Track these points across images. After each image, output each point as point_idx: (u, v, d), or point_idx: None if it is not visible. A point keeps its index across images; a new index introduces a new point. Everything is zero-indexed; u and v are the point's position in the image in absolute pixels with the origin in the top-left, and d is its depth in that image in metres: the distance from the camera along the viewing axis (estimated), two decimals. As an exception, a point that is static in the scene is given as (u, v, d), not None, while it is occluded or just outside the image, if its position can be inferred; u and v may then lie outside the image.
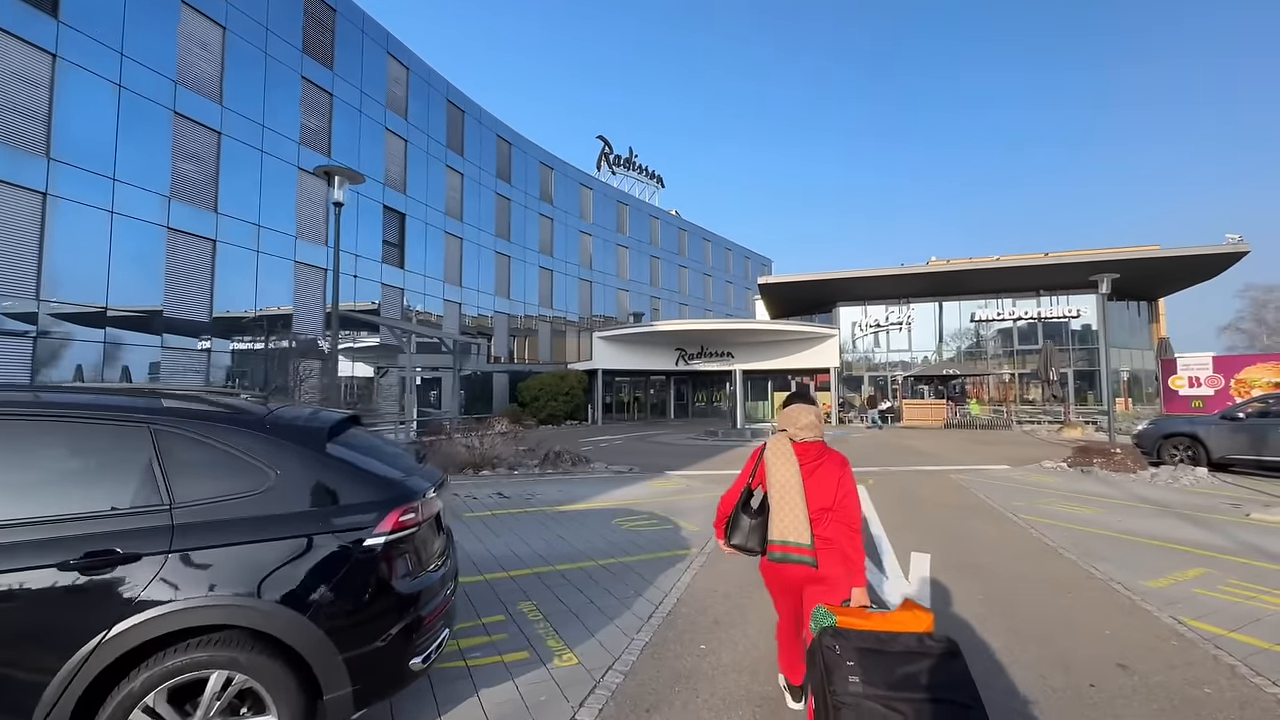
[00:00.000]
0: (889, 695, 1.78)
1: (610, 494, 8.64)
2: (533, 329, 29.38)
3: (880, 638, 1.93)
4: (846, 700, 1.80)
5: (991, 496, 8.26)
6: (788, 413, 2.65)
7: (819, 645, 1.95)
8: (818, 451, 2.54)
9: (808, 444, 2.55)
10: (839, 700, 1.81)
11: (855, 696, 1.80)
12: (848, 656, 1.86)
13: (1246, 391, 11.88)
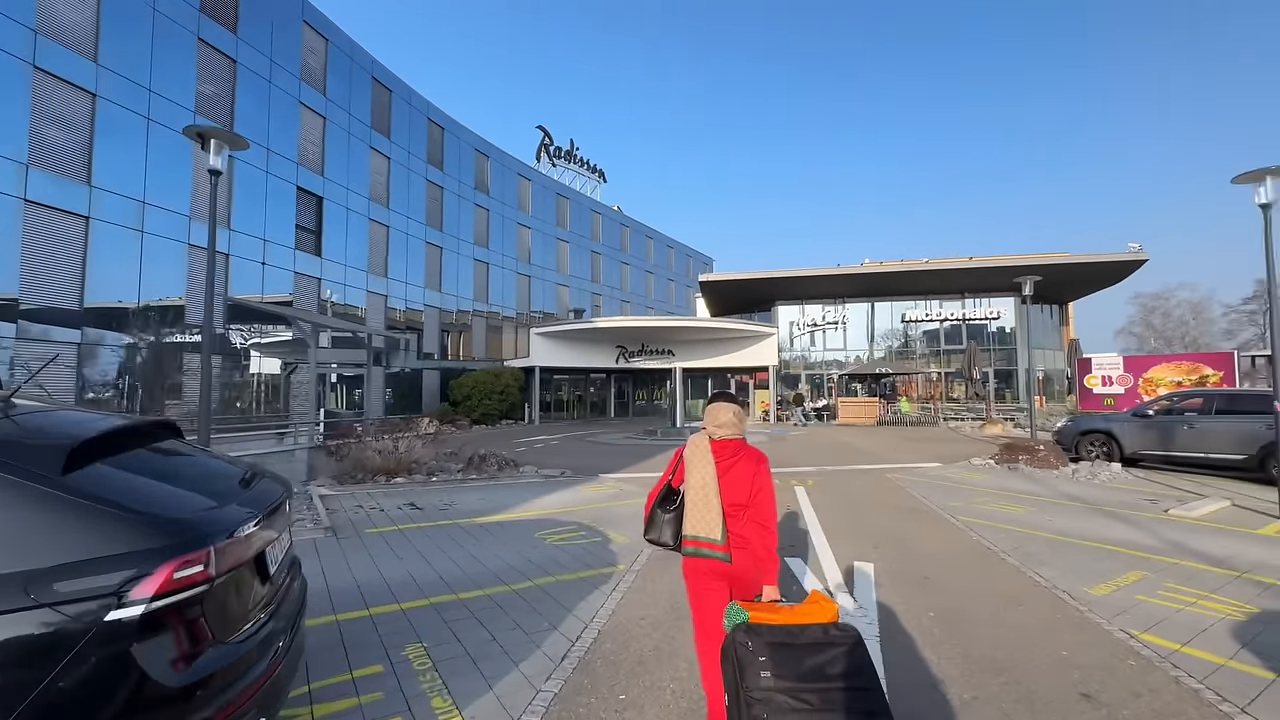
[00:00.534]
0: (797, 687, 1.85)
1: (537, 502, 7.94)
2: (467, 324, 28.03)
3: (790, 631, 1.98)
4: (758, 695, 1.84)
5: (928, 497, 8.15)
6: (709, 410, 2.66)
7: (732, 643, 2.00)
8: (735, 449, 2.55)
9: (725, 441, 2.56)
10: (752, 696, 1.85)
11: (766, 691, 1.84)
12: (760, 652, 1.91)
13: (1153, 390, 12.56)
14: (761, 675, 1.86)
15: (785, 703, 1.82)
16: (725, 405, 2.64)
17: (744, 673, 1.89)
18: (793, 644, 1.94)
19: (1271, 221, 7.07)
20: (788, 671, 1.87)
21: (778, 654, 1.90)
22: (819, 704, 1.82)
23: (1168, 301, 56.12)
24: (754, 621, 2.02)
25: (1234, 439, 9.69)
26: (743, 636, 1.97)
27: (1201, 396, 10.53)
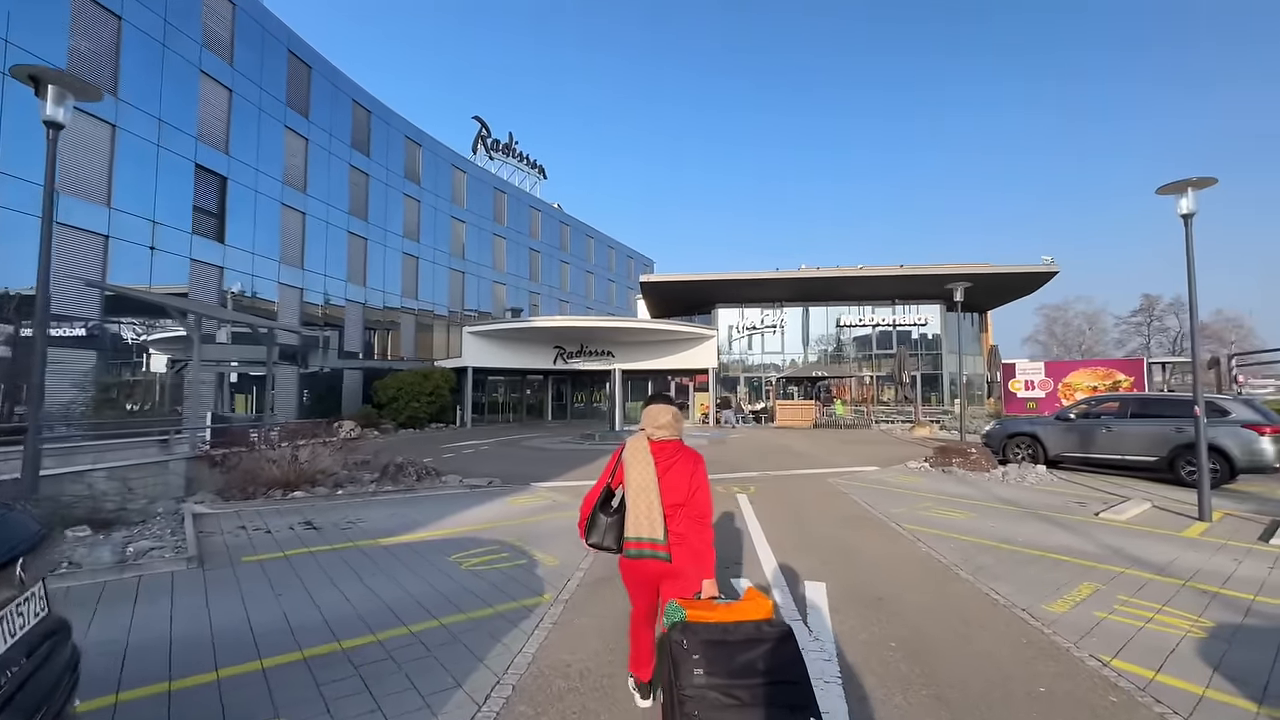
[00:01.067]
0: (729, 683, 1.88)
1: (457, 517, 7.11)
2: (394, 322, 26.33)
3: (725, 628, 2.00)
4: (691, 693, 1.87)
5: (872, 504, 7.93)
6: (647, 412, 2.68)
7: (668, 641, 2.01)
8: (673, 450, 2.60)
9: (664, 442, 2.60)
10: (684, 694, 1.87)
11: (699, 689, 1.87)
12: (694, 650, 1.93)
13: (1071, 394, 13.15)
14: (694, 673, 1.89)
15: (717, 699, 1.86)
16: (664, 407, 2.68)
17: (678, 671, 1.92)
18: (726, 641, 1.96)
19: (1192, 232, 7.29)
20: (719, 668, 1.89)
21: (711, 651, 1.93)
22: (748, 699, 1.86)
23: (1067, 312, 61.15)
24: (691, 620, 2.04)
25: (1146, 441, 10.14)
26: (678, 635, 1.98)
27: (1117, 400, 11.01)
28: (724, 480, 9.99)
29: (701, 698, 1.86)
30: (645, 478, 2.51)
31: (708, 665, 1.90)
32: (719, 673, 1.89)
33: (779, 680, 1.91)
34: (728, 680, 1.88)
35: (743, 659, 1.93)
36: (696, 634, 1.97)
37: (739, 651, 1.95)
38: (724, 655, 1.93)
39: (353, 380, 23.67)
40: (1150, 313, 58.70)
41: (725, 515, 7.21)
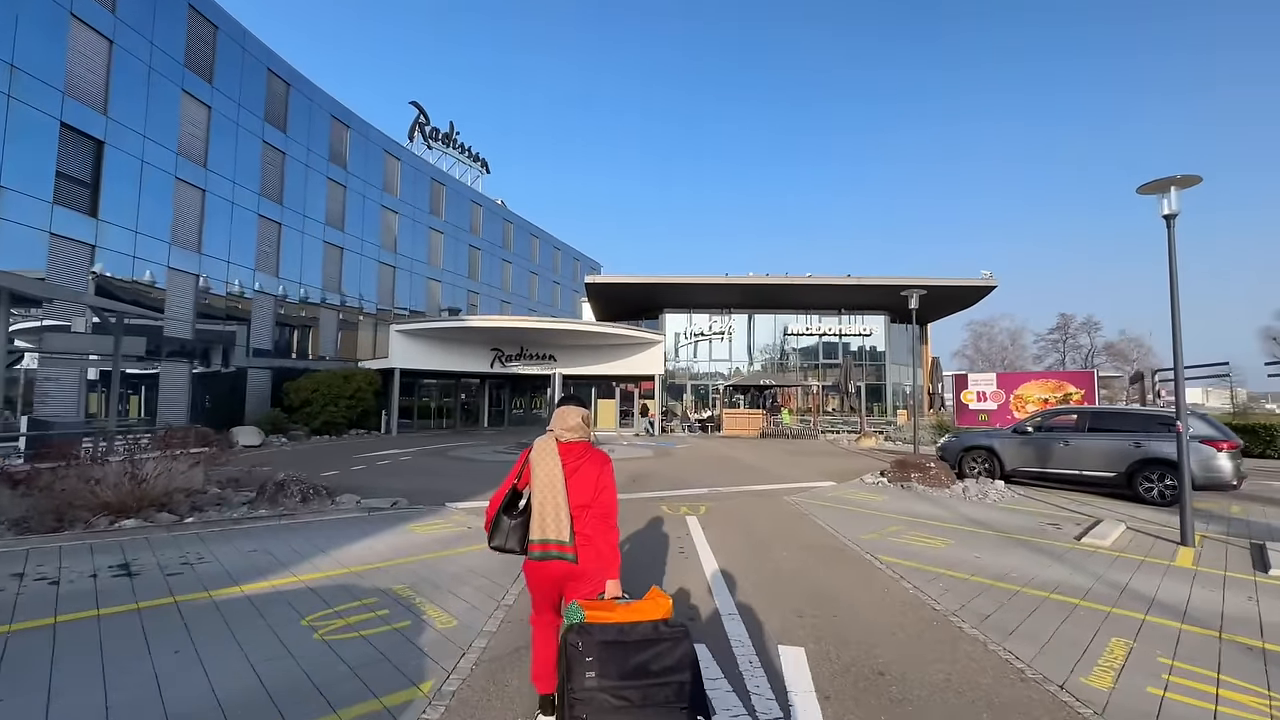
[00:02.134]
0: (619, 685, 1.89)
1: (337, 554, 5.62)
2: (312, 317, 23.88)
3: (622, 629, 2.00)
4: (581, 695, 1.87)
5: (837, 528, 6.99)
6: (557, 414, 2.65)
7: (564, 643, 2.00)
8: (581, 451, 2.57)
9: (573, 444, 2.57)
10: (575, 696, 1.87)
11: (589, 691, 1.87)
12: (589, 652, 1.93)
13: (1023, 406, 12.90)
14: (586, 675, 1.89)
15: (606, 701, 1.86)
16: (573, 409, 2.64)
17: (571, 673, 1.91)
18: (623, 641, 1.97)
19: (1174, 235, 6.79)
20: (612, 670, 1.90)
21: (606, 653, 1.93)
22: (638, 700, 1.87)
23: (992, 329, 64.58)
24: (589, 621, 2.02)
25: (1104, 457, 9.79)
26: (574, 637, 1.97)
27: (1074, 414, 10.68)
28: (671, 499, 8.87)
29: (590, 700, 1.86)
30: (552, 479, 2.47)
31: (600, 667, 1.90)
32: (611, 674, 1.90)
33: (671, 680, 1.93)
34: (619, 682, 1.89)
35: (637, 660, 1.94)
36: (593, 635, 1.97)
37: (634, 652, 1.95)
38: (619, 656, 1.93)
39: (260, 381, 21.14)
40: (1066, 330, 62.73)
41: (675, 544, 6.07)
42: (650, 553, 5.79)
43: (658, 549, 5.92)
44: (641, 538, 6.40)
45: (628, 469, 12.65)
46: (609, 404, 28.39)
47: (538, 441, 2.61)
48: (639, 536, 6.47)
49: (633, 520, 7.29)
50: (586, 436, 2.64)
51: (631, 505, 8.30)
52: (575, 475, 2.50)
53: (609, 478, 2.55)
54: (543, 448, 2.56)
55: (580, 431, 2.61)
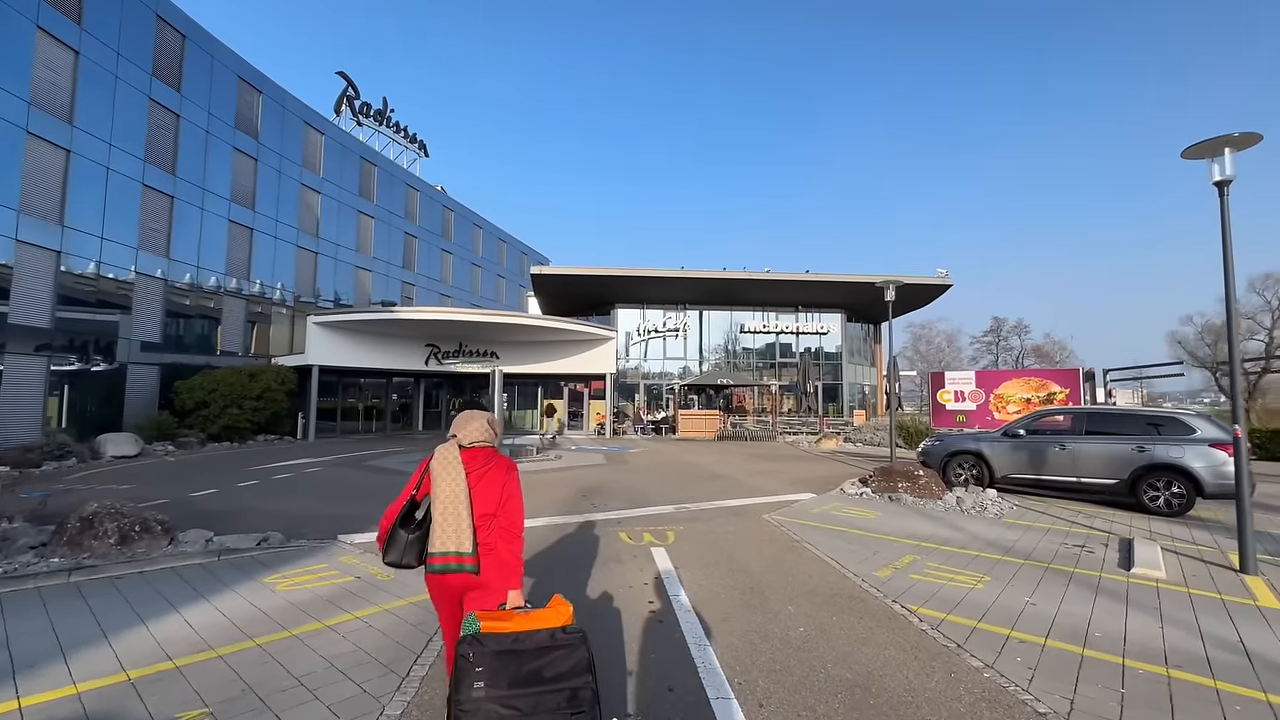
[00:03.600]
0: (508, 694, 1.86)
1: (133, 635, 3.71)
2: (215, 307, 20.85)
3: (517, 638, 1.96)
4: (467, 707, 1.84)
5: (842, 562, 5.58)
6: (458, 420, 2.55)
7: (455, 656, 1.96)
8: (485, 458, 2.48)
9: (476, 450, 2.48)
10: (461, 709, 1.84)
11: (475, 702, 1.84)
12: (479, 663, 1.89)
13: (1003, 406, 12.06)
14: (474, 687, 1.86)
15: (494, 711, 1.83)
16: (476, 413, 2.57)
17: (458, 686, 1.88)
18: (518, 651, 1.94)
19: (1228, 203, 5.76)
20: (502, 680, 1.87)
21: (498, 663, 1.90)
22: (528, 708, 1.85)
23: (930, 330, 66.75)
24: (485, 631, 1.99)
25: (1105, 462, 8.92)
26: (465, 649, 1.93)
27: (1070, 415, 9.81)
28: (630, 521, 7.26)
29: (477, 709, 1.83)
30: (454, 488, 2.34)
31: (490, 677, 1.87)
32: (500, 684, 1.87)
33: (563, 687, 1.91)
34: (508, 691, 1.86)
35: (529, 668, 1.91)
36: (485, 646, 1.93)
37: (527, 661, 1.92)
38: (510, 666, 1.91)
39: (145, 380, 18.09)
40: (998, 333, 65.46)
41: (642, 597, 4.46)
42: (611, 617, 4.15)
43: (623, 608, 4.29)
44: (599, 587, 4.76)
45: (576, 480, 10.96)
46: (557, 404, 26.53)
47: (439, 449, 2.46)
48: (595, 584, 4.83)
49: (584, 557, 5.64)
50: (491, 442, 2.55)
51: (582, 534, 6.64)
52: (480, 483, 2.40)
53: (514, 485, 2.47)
54: (444, 456, 2.42)
55: (484, 437, 2.51)
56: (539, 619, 2.06)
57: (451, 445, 2.46)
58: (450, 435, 2.52)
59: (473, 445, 2.48)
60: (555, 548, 6.05)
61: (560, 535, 6.57)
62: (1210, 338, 50.69)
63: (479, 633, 1.99)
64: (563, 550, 5.95)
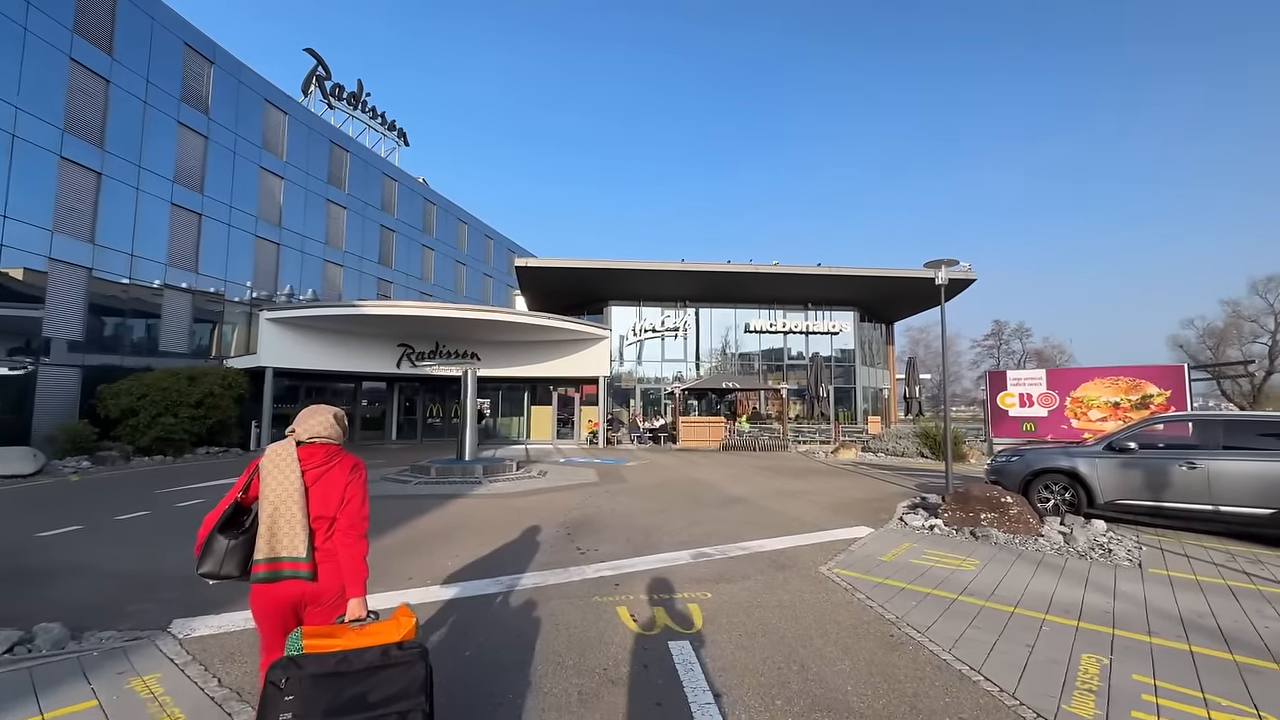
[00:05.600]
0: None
1: None
2: (153, 301, 18.39)
3: (345, 657, 1.80)
4: None
5: (992, 674, 3.35)
6: (301, 414, 2.35)
7: (265, 682, 1.76)
8: (326, 455, 2.28)
9: (315, 447, 2.28)
10: None
11: None
12: (291, 690, 1.72)
13: (1083, 413, 9.91)
14: (281, 716, 1.68)
15: None
16: (321, 408, 2.38)
17: (264, 716, 1.70)
18: (343, 673, 1.77)
19: None
20: (316, 708, 1.70)
21: (315, 688, 1.73)
22: None
23: (928, 334, 65.16)
24: (307, 651, 1.80)
25: (1255, 486, 6.76)
26: (278, 674, 1.74)
27: (1199, 423, 7.66)
28: (633, 582, 4.97)
29: None
30: (287, 488, 2.14)
31: (302, 705, 1.69)
32: (314, 713, 1.69)
33: (390, 711, 1.75)
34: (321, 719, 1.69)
35: (352, 692, 1.74)
36: (303, 669, 1.75)
37: (351, 684, 1.75)
38: (329, 691, 1.73)
39: (62, 384, 15.61)
40: (1000, 336, 63.89)
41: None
42: None
43: None
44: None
45: (561, 508, 8.67)
46: (544, 411, 24.23)
47: (272, 447, 2.25)
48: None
49: (557, 669, 3.35)
50: (336, 440, 2.33)
51: (561, 611, 4.35)
52: (318, 483, 2.21)
53: (358, 485, 2.26)
54: (276, 454, 2.21)
55: (327, 433, 2.30)
56: (374, 634, 1.90)
57: (286, 443, 2.26)
58: (288, 431, 2.32)
59: (312, 441, 2.28)
60: (513, 646, 3.76)
61: (526, 613, 4.29)
62: (1211, 341, 49.39)
63: (301, 652, 1.79)
64: (524, 649, 3.67)
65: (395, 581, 5.02)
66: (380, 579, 5.05)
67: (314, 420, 2.30)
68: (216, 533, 2.18)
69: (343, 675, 1.75)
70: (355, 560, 2.14)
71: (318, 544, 2.16)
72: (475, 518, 7.82)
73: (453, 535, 6.76)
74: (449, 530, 7.03)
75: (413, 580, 5.05)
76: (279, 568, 2.08)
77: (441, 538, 6.64)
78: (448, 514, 8.15)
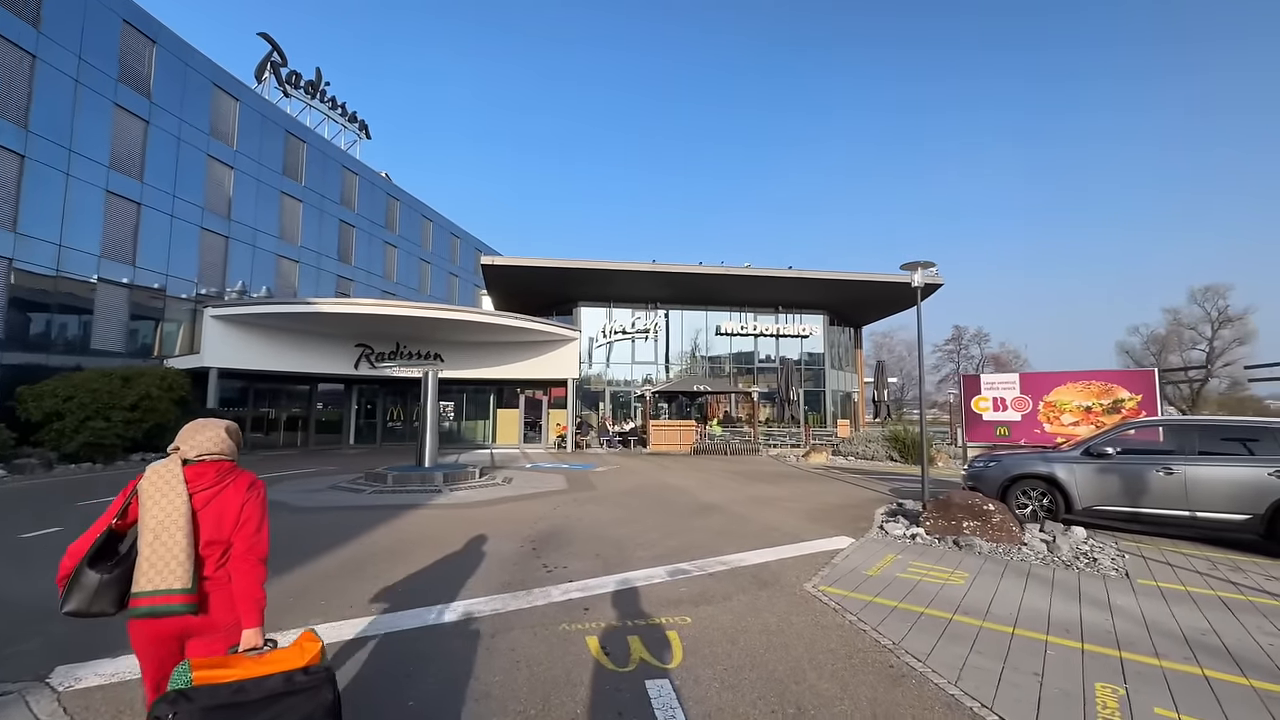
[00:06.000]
0: None
1: None
2: (84, 296, 17.04)
3: (242, 687, 1.66)
4: None
5: (1004, 711, 3.00)
6: (185, 429, 2.12)
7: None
8: (218, 474, 2.06)
9: (206, 465, 2.07)
10: None
11: None
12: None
13: (1056, 416, 9.88)
14: None
15: None
16: (210, 421, 2.17)
17: None
18: (241, 703, 1.64)
19: None
20: None
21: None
22: None
23: (892, 339, 66.68)
24: (197, 683, 1.65)
25: (1231, 491, 6.75)
26: (163, 709, 1.59)
27: (1174, 428, 7.63)
28: (604, 605, 4.50)
29: None
30: (170, 510, 1.92)
31: None
32: None
33: None
34: None
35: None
36: (194, 702, 1.60)
37: (251, 713, 1.62)
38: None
39: (-23, 383, 14.24)
40: (959, 341, 65.74)
41: None
42: None
43: None
44: None
45: (527, 518, 8.13)
46: (511, 414, 23.51)
47: (153, 466, 2.00)
48: None
49: (517, 707, 2.87)
50: (228, 456, 2.13)
51: (522, 641, 3.85)
52: (209, 506, 1.99)
53: (255, 505, 2.06)
54: (158, 474, 1.98)
55: (218, 450, 2.09)
56: (274, 661, 1.75)
57: (171, 460, 2.04)
58: (171, 448, 2.09)
59: (201, 459, 2.07)
60: (465, 692, 3.26)
61: (483, 647, 3.78)
62: (1155, 347, 51.90)
63: (188, 686, 1.63)
64: (478, 697, 3.17)
65: (333, 610, 4.43)
66: (314, 608, 4.46)
67: (202, 436, 2.09)
68: (85, 565, 1.94)
69: (240, 706, 1.62)
70: (251, 588, 1.96)
71: (208, 573, 1.98)
72: (432, 532, 7.22)
73: (405, 553, 6.17)
74: (401, 547, 6.43)
75: (354, 609, 4.47)
76: (159, 601, 1.88)
77: (392, 556, 6.04)
78: (402, 528, 7.52)
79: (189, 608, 1.91)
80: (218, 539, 1.99)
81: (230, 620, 1.98)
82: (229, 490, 2.05)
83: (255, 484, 2.15)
